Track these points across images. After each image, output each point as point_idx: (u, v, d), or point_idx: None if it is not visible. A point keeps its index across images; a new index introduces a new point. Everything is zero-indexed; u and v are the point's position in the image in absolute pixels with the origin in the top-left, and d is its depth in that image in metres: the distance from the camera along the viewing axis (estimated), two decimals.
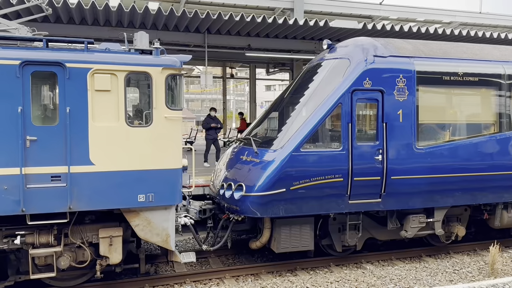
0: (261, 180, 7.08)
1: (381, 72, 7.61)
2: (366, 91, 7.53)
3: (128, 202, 6.20)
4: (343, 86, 7.48)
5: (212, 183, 8.60)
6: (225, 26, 10.79)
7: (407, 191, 7.77)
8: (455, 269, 8.02)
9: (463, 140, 8.08)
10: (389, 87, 7.63)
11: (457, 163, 7.96)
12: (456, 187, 8.05)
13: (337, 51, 8.34)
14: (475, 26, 17.79)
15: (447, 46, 8.54)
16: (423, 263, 8.36)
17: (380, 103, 7.60)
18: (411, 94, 7.74)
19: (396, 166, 7.64)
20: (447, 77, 8.00)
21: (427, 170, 7.82)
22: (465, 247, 9.34)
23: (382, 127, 7.60)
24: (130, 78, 6.26)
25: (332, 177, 7.34)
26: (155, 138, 6.28)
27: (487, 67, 8.30)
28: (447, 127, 8.12)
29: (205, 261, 8.55)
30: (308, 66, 9.03)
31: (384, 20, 16.38)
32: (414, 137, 7.74)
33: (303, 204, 7.28)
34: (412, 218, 8.07)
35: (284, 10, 14.51)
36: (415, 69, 7.80)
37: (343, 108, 7.43)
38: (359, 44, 8.00)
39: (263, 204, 7.12)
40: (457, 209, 8.65)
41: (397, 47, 8.07)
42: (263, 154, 7.41)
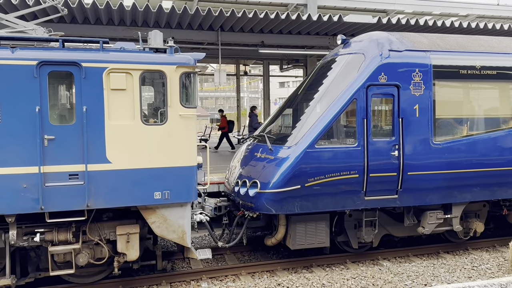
0: (276, 177, 7.07)
1: (396, 66, 7.51)
2: (381, 86, 7.45)
3: (144, 199, 6.26)
4: (358, 81, 7.40)
5: (227, 180, 8.62)
6: (238, 23, 10.79)
7: (424, 187, 7.67)
8: (473, 265, 7.89)
9: (481, 134, 7.93)
10: (405, 82, 7.52)
11: (474, 158, 7.83)
12: (474, 182, 7.92)
13: (352, 46, 8.26)
14: (492, 19, 17.41)
15: (464, 40, 8.38)
16: (441, 260, 8.25)
17: (396, 98, 7.51)
18: (427, 88, 7.63)
19: (412, 162, 7.54)
20: (464, 70, 7.86)
21: (444, 166, 7.71)
22: (484, 243, 9.19)
23: (398, 122, 7.51)
24: (145, 76, 6.31)
25: (347, 174, 7.28)
26: (170, 136, 6.32)
27: (505, 60, 8.12)
28: (464, 122, 7.97)
29: (221, 258, 8.59)
30: (322, 61, 8.97)
31: (399, 14, 16.16)
32: (431, 132, 7.63)
33: (318, 200, 7.25)
34: (430, 214, 7.97)
35: (298, 6, 14.42)
36: (432, 63, 7.67)
37: (358, 104, 7.36)
38: (374, 39, 7.91)
39: (278, 201, 7.11)
40: (476, 205, 8.50)
41: (413, 41, 7.95)
42: (278, 151, 7.40)
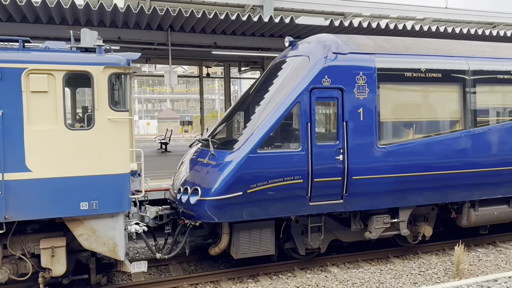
0: (217, 184, 6.78)
1: (340, 69, 7.36)
2: (325, 89, 7.28)
3: (69, 210, 5.83)
4: (301, 85, 7.21)
5: (171, 186, 8.26)
6: (188, 23, 10.46)
7: (370, 191, 7.55)
8: (421, 270, 7.83)
9: (426, 138, 7.89)
10: (349, 85, 7.39)
11: (420, 162, 7.77)
12: (420, 186, 7.86)
13: (299, 48, 8.08)
14: (449, 22, 17.75)
15: (411, 42, 8.35)
16: (390, 265, 8.16)
17: (340, 101, 7.36)
18: (371, 91, 7.52)
19: (357, 166, 7.41)
20: (409, 73, 7.80)
21: (390, 169, 7.61)
22: (434, 246, 9.18)
23: (343, 126, 7.36)
24: (70, 78, 5.90)
25: (291, 179, 7.07)
26: (98, 141, 5.92)
27: (450, 63, 8.12)
28: (410, 125, 7.91)
29: (165, 269, 8.21)
30: (272, 64, 8.76)
31: (357, 17, 16.21)
32: (375, 136, 7.52)
33: (262, 207, 7.00)
34: (376, 219, 7.86)
35: (254, 7, 14.22)
36: (376, 66, 7.57)
37: (302, 107, 7.17)
38: (319, 41, 7.75)
39: (220, 208, 6.81)
40: (424, 208, 8.46)
41: (358, 43, 7.83)
42: (220, 156, 7.11)
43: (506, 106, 8.58)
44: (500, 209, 8.80)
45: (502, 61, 8.57)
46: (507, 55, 8.75)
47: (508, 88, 8.55)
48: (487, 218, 8.75)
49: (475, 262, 8.31)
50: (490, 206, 8.72)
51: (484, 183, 8.34)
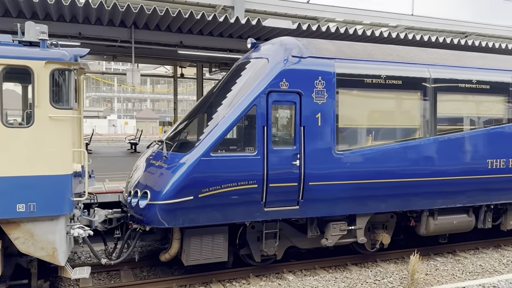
0: (167, 187, 6.54)
1: (299, 73, 7.23)
2: (282, 93, 7.13)
3: (4, 212, 5.51)
4: (258, 87, 7.05)
5: (124, 189, 7.98)
6: (152, 21, 10.19)
7: (326, 197, 7.43)
8: (376, 279, 7.74)
9: (386, 145, 7.82)
10: (307, 89, 7.26)
11: (378, 169, 7.69)
12: (378, 193, 7.78)
13: (260, 50, 7.93)
14: (421, 31, 17.92)
15: (372, 48, 8.28)
16: (346, 273, 8.05)
17: (298, 105, 7.22)
18: (330, 97, 7.41)
19: (314, 172, 7.28)
20: (369, 79, 7.72)
21: (347, 176, 7.51)
22: (394, 254, 9.11)
23: (300, 131, 7.22)
24: (8, 72, 5.58)
25: (245, 184, 6.88)
26: (37, 140, 5.62)
27: (411, 70, 8.08)
28: (369, 132, 7.84)
29: (116, 275, 7.91)
30: (235, 65, 8.59)
31: (330, 22, 16.20)
32: (333, 142, 7.41)
33: (214, 212, 6.78)
34: (333, 226, 7.74)
35: (226, 8, 14.03)
36: (335, 71, 7.47)
37: (258, 111, 7.00)
38: (280, 44, 7.61)
39: (170, 213, 6.57)
40: (382, 216, 8.40)
41: (319, 48, 7.72)
42: (173, 159, 6.87)
43: (467, 115, 8.60)
44: (459, 218, 8.80)
45: (464, 70, 8.59)
46: (470, 64, 8.78)
47: (468, 97, 8.57)
48: (446, 227, 8.73)
49: (432, 271, 8.27)
50: (449, 215, 8.71)
51: (443, 192, 8.32)
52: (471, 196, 8.62)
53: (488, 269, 8.43)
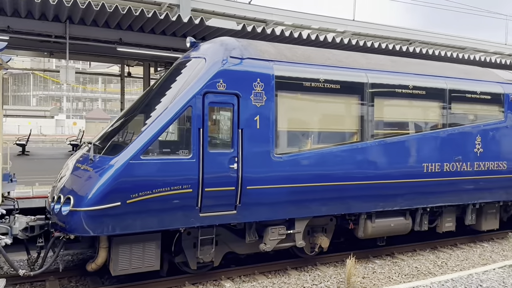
0: (92, 193, 6.12)
1: (237, 74, 7.05)
2: (219, 94, 6.92)
3: None
4: (194, 88, 6.79)
5: (49, 194, 7.44)
6: (88, 16, 9.65)
7: (265, 201, 7.29)
8: (314, 283, 7.69)
9: (324, 148, 7.80)
10: (246, 91, 7.09)
11: (317, 172, 7.66)
12: (317, 197, 7.75)
13: (199, 50, 7.69)
14: (367, 37, 18.37)
15: (312, 52, 8.27)
16: (285, 277, 7.95)
17: (235, 107, 7.03)
18: (269, 99, 7.29)
19: (252, 175, 7.12)
20: (308, 83, 7.68)
21: (286, 179, 7.41)
22: (334, 257, 9.13)
23: (238, 133, 7.03)
24: None
25: (179, 188, 6.59)
26: None
27: (349, 75, 8.13)
28: (308, 135, 7.80)
29: (41, 285, 7.35)
30: (174, 65, 8.28)
31: (280, 25, 16.22)
32: (272, 145, 7.29)
33: (145, 219, 6.44)
34: (272, 230, 7.62)
35: (171, 6, 13.64)
36: (274, 74, 7.36)
37: (194, 112, 6.74)
38: (218, 44, 7.41)
39: (95, 220, 6.16)
40: (322, 219, 8.38)
41: (259, 49, 7.59)
42: (100, 162, 6.46)
43: (403, 120, 8.78)
44: (396, 221, 8.96)
45: (401, 76, 8.77)
46: (407, 70, 8.99)
47: (405, 102, 8.76)
48: (384, 229, 8.86)
49: (369, 274, 8.35)
50: (387, 218, 8.85)
51: (380, 195, 8.44)
52: (408, 199, 8.81)
53: (423, 271, 8.63)
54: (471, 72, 10.03)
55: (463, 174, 9.17)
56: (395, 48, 12.24)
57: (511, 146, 9.93)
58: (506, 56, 22.40)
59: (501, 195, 10.03)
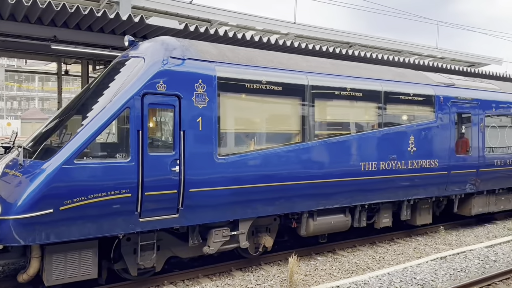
0: (21, 200, 5.75)
1: (177, 75, 6.92)
2: (160, 95, 6.76)
3: None
4: (132, 89, 6.58)
5: None
6: (19, 11, 9.04)
7: (208, 204, 7.23)
8: (257, 283, 7.75)
9: (267, 149, 7.88)
10: (187, 92, 6.99)
11: (260, 173, 7.72)
12: (260, 197, 7.82)
13: (138, 49, 7.46)
14: (310, 39, 18.82)
15: (254, 53, 8.32)
16: (229, 279, 7.94)
17: (177, 109, 6.91)
18: (211, 100, 7.23)
19: (195, 178, 7.03)
20: (251, 84, 7.72)
21: (230, 181, 7.40)
22: (278, 256, 9.26)
23: (179, 135, 6.91)
24: None
25: (117, 193, 6.36)
26: None
27: (291, 77, 8.28)
28: (251, 136, 7.84)
29: None
30: (111, 64, 7.97)
31: (224, 25, 16.17)
32: (215, 147, 7.24)
33: (80, 226, 6.14)
34: (215, 232, 7.58)
35: (111, 3, 13.15)
36: (217, 75, 7.32)
37: (132, 113, 6.53)
38: (158, 43, 7.24)
39: (26, 228, 5.79)
40: (266, 219, 8.46)
41: (200, 50, 7.51)
42: (31, 167, 6.08)
43: (342, 121, 9.09)
44: (336, 219, 9.25)
45: (339, 78, 9.05)
46: (345, 73, 9.29)
47: (344, 104, 9.06)
48: (325, 227, 9.12)
49: (311, 271, 8.55)
50: (328, 216, 9.10)
51: (322, 194, 8.67)
52: (348, 197, 9.13)
53: (362, 266, 8.98)
54: (405, 74, 10.58)
55: (398, 172, 9.65)
56: (335, 51, 12.63)
57: (441, 144, 10.59)
58: (438, 59, 23.89)
59: (434, 191, 10.67)
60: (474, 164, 11.33)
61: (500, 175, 12.11)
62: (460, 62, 23.93)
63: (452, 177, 10.80)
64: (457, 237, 11.52)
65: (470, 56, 24.03)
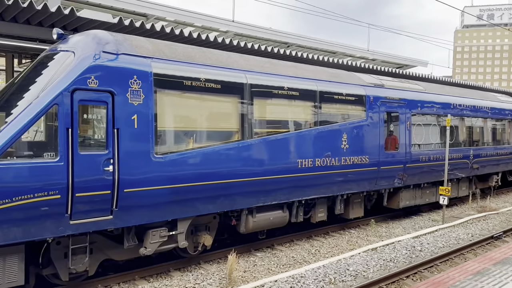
0: None
1: (110, 71, 6.66)
2: (91, 92, 6.46)
3: None
4: (61, 84, 6.23)
5: None
6: None
7: (145, 204, 7.04)
8: (196, 282, 7.70)
9: (206, 148, 7.83)
10: (121, 89, 6.75)
11: (199, 171, 7.66)
12: (200, 196, 7.76)
13: (68, 42, 7.08)
14: (250, 38, 18.95)
15: (193, 50, 8.23)
16: (167, 280, 7.81)
17: (110, 106, 6.65)
18: (147, 97, 7.05)
19: (130, 177, 6.81)
20: (189, 82, 7.63)
21: (168, 180, 7.26)
22: (217, 254, 9.26)
23: (113, 133, 6.66)
24: None
25: (45, 195, 5.99)
26: None
27: (230, 75, 8.29)
28: (190, 134, 7.75)
29: None
30: (39, 57, 7.49)
31: (161, 20, 15.79)
32: (151, 145, 7.07)
33: (5, 230, 5.73)
34: (152, 233, 7.41)
35: None
36: (153, 71, 7.14)
37: (61, 110, 6.19)
38: (90, 37, 6.92)
39: None
40: (205, 218, 8.43)
41: (136, 45, 7.28)
42: None
43: (280, 119, 9.26)
44: (275, 215, 9.44)
45: (277, 77, 9.22)
46: (283, 72, 9.48)
47: (282, 102, 9.24)
48: (264, 223, 9.26)
49: (250, 267, 8.65)
50: (267, 212, 9.26)
51: (261, 191, 8.79)
52: (286, 193, 9.34)
53: (299, 260, 9.24)
54: (339, 75, 11.02)
55: (332, 168, 10.05)
56: (274, 50, 12.83)
57: (372, 142, 11.17)
58: (370, 61, 25.13)
59: (365, 186, 11.24)
60: (401, 160, 12.09)
61: (425, 170, 13.03)
62: (390, 63, 25.35)
63: (381, 172, 11.45)
64: (386, 229, 12.22)
65: (398, 58, 25.53)
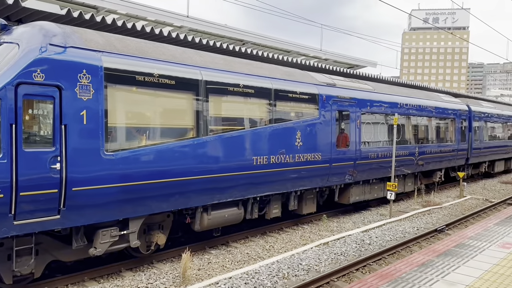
0: None
1: (58, 64, 6.37)
2: (37, 86, 6.16)
3: None
4: (4, 77, 5.90)
5: None
6: None
7: (95, 203, 6.82)
8: (149, 282, 7.56)
9: (160, 145, 7.70)
10: (69, 83, 6.48)
11: (152, 169, 7.52)
12: (153, 194, 7.62)
13: (12, 34, 6.69)
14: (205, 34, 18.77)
15: (146, 45, 8.05)
16: (118, 280, 7.61)
17: (57, 101, 6.37)
18: (98, 92, 6.81)
19: (79, 175, 6.57)
20: (141, 77, 7.45)
21: (119, 178, 7.07)
22: (171, 253, 9.14)
23: (61, 130, 6.39)
24: None
25: None
26: None
27: (184, 71, 8.19)
28: (143, 131, 7.58)
29: None
30: None
31: (112, 13, 15.27)
32: (102, 142, 6.85)
33: None
34: (103, 233, 7.19)
35: None
36: (103, 66, 6.92)
37: (4, 105, 5.85)
38: (36, 29, 6.58)
39: None
40: (158, 216, 8.30)
41: (85, 38, 7.02)
42: None
43: (235, 116, 9.28)
44: (230, 212, 9.46)
45: (233, 74, 9.22)
46: (238, 70, 9.50)
47: (237, 100, 9.26)
48: (219, 220, 9.26)
49: (205, 265, 8.62)
50: (222, 209, 9.26)
51: (216, 188, 8.77)
52: (241, 190, 9.38)
53: (254, 256, 9.32)
54: (293, 74, 11.20)
55: (286, 165, 10.21)
56: (229, 47, 12.82)
57: (324, 139, 11.46)
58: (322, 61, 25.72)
59: (318, 182, 11.52)
60: (352, 157, 12.50)
61: (374, 166, 13.56)
62: (341, 63, 26.07)
63: (333, 169, 11.78)
64: (337, 223, 12.61)
65: (349, 58, 26.31)
